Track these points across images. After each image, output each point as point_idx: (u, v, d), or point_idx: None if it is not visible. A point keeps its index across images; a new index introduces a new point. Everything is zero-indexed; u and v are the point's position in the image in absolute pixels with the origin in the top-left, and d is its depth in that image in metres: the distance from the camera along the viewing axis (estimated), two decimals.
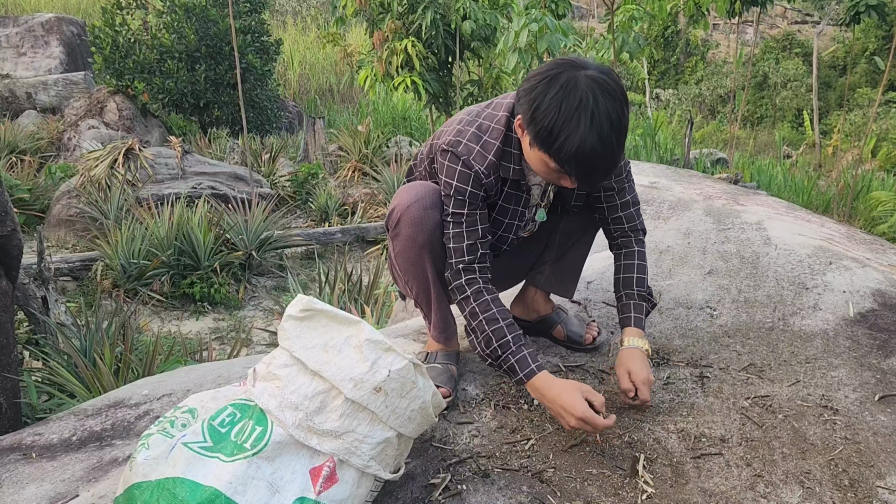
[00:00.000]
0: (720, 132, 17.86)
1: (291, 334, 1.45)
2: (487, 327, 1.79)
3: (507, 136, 1.82)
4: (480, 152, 1.79)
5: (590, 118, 1.52)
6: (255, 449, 1.31)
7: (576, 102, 1.52)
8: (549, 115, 1.55)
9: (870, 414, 1.93)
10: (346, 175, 9.80)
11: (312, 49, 17.81)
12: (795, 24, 28.62)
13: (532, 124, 1.60)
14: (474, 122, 1.83)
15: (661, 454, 1.75)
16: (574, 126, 1.53)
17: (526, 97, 1.63)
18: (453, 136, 1.81)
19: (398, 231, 1.84)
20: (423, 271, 1.88)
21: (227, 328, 5.37)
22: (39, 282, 3.79)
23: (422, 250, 1.84)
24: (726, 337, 2.30)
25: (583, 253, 2.19)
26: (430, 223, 1.82)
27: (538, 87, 1.59)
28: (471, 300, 1.82)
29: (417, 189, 1.85)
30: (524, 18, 6.70)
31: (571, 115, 1.53)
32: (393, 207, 1.85)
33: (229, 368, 2.27)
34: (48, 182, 7.89)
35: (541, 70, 1.64)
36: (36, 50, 12.32)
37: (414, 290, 1.94)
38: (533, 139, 1.62)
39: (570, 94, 1.53)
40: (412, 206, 1.81)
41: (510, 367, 1.79)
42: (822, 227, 3.13)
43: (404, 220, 1.82)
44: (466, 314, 1.84)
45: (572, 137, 1.53)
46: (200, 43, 10.52)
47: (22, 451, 1.89)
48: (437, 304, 1.94)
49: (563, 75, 1.57)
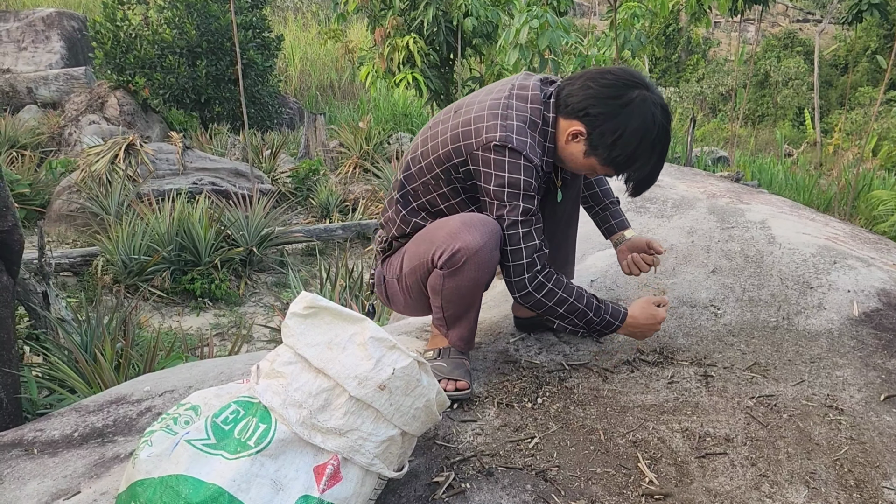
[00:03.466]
0: (721, 130, 17.84)
1: (295, 331, 1.44)
2: (580, 304, 1.91)
3: (542, 129, 1.82)
4: (532, 144, 1.78)
5: (661, 150, 1.78)
6: (258, 446, 1.31)
7: (653, 136, 1.75)
8: (631, 144, 1.74)
9: (875, 414, 1.92)
10: (347, 171, 9.79)
11: (313, 45, 17.78)
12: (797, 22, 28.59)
13: (612, 149, 1.76)
14: (509, 114, 1.79)
15: (665, 453, 1.74)
16: (648, 156, 1.78)
17: (598, 112, 1.74)
18: (502, 132, 1.76)
19: (461, 272, 1.78)
20: (473, 301, 1.89)
21: (227, 324, 5.36)
22: (40, 277, 3.78)
23: (481, 288, 1.85)
24: (730, 336, 2.29)
25: (574, 235, 2.23)
26: (495, 264, 1.83)
27: (615, 111, 1.73)
28: (555, 290, 1.88)
29: (480, 228, 1.77)
30: (525, 15, 6.69)
31: (650, 148, 1.76)
32: (457, 249, 1.74)
33: (231, 365, 2.26)
34: (49, 177, 7.88)
35: (613, 85, 1.74)
36: (36, 45, 12.29)
37: (448, 312, 1.90)
38: (606, 160, 1.79)
39: (649, 127, 1.73)
40: (481, 250, 1.75)
41: (606, 323, 1.98)
42: (826, 226, 3.12)
43: (471, 263, 1.76)
44: (552, 304, 1.89)
45: (646, 166, 1.80)
46: (201, 38, 10.50)
47: (23, 447, 1.88)
48: (470, 321, 1.95)
49: (639, 103, 1.73)
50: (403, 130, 12.28)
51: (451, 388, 1.86)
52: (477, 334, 2.27)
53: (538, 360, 2.14)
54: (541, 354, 2.17)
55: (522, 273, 1.84)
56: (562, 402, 1.93)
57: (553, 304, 1.89)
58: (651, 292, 2.51)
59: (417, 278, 1.92)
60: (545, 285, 1.86)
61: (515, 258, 1.83)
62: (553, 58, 7.42)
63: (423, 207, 1.97)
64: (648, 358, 2.17)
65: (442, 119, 1.91)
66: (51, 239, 6.62)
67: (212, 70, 10.63)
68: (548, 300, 1.88)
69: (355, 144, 10.33)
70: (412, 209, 1.98)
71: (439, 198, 1.93)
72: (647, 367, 2.12)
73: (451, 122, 1.87)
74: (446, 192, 1.92)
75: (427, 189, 1.93)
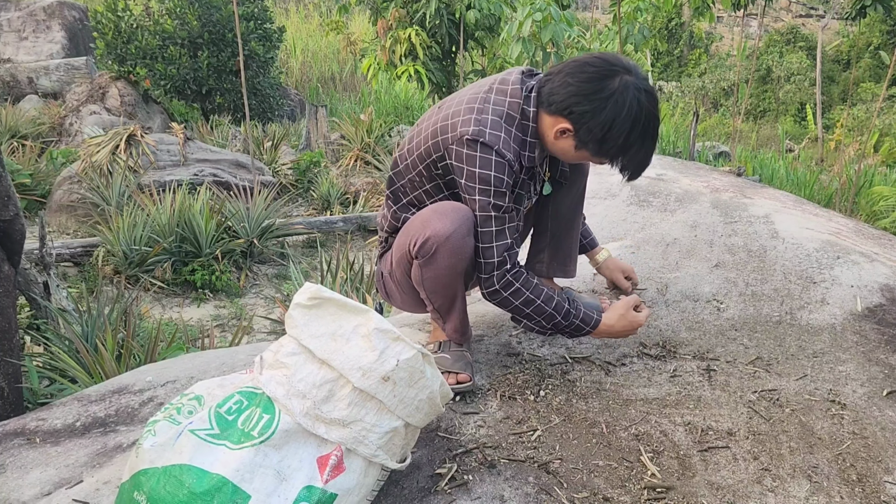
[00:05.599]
0: (723, 125, 17.81)
1: (299, 322, 1.43)
2: (548, 307, 1.88)
3: (521, 123, 1.80)
4: (506, 139, 1.76)
5: (652, 134, 1.76)
6: (262, 437, 1.30)
7: (642, 122, 1.71)
8: (621, 135, 1.71)
9: (877, 409, 1.92)
10: (348, 164, 9.76)
11: (315, 37, 17.73)
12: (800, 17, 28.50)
13: (602, 142, 1.73)
14: (485, 108, 1.77)
15: (667, 447, 1.74)
16: (641, 143, 1.75)
17: (582, 109, 1.71)
18: (474, 126, 1.73)
19: (434, 260, 1.77)
20: (455, 290, 1.87)
21: (228, 315, 5.36)
22: (41, 267, 3.78)
23: (459, 276, 1.82)
24: (733, 330, 2.29)
25: (577, 231, 2.21)
26: (469, 250, 1.79)
27: (599, 106, 1.69)
28: (522, 290, 1.85)
29: (450, 215, 1.76)
30: (528, 8, 6.67)
31: (641, 135, 1.73)
32: (427, 237, 1.75)
33: (233, 356, 2.26)
34: (49, 167, 7.86)
35: (593, 78, 1.70)
36: (38, 34, 12.26)
37: (437, 303, 1.90)
38: (597, 152, 1.77)
39: (636, 115, 1.70)
40: (451, 236, 1.73)
41: (576, 327, 1.94)
42: (829, 222, 3.11)
43: (443, 250, 1.74)
44: (519, 303, 1.86)
45: (639, 153, 1.77)
46: (203, 29, 10.46)
47: (26, 436, 1.88)
48: (459, 311, 1.94)
49: (622, 91, 1.69)
50: (405, 123, 12.25)
51: (453, 381, 1.86)
52: (479, 327, 2.28)
53: (541, 352, 2.14)
54: (543, 347, 2.17)
55: (492, 270, 1.81)
56: (564, 395, 1.93)
57: (519, 304, 1.86)
58: (654, 286, 2.51)
59: (403, 271, 1.93)
60: (513, 284, 1.83)
61: (486, 255, 1.80)
62: (556, 51, 7.40)
63: (412, 203, 1.97)
64: (651, 351, 2.16)
65: (427, 116, 1.91)
66: (52, 229, 6.61)
67: (213, 61, 10.59)
68: (514, 299, 1.86)
69: (356, 137, 10.30)
70: (402, 205, 1.99)
71: (425, 194, 1.93)
72: (649, 361, 2.12)
73: (433, 117, 1.86)
74: (429, 189, 1.92)
75: (413, 186, 1.93)
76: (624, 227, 3.01)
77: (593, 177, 2.18)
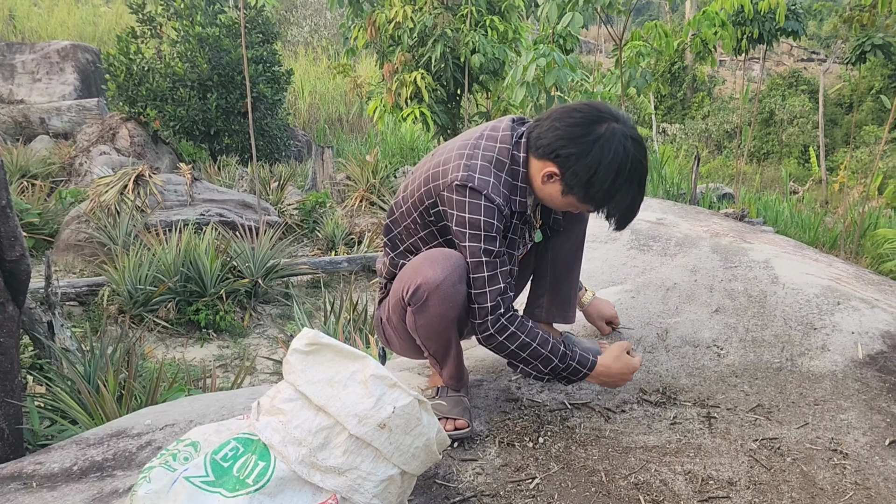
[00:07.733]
0: (726, 167, 17.92)
1: (297, 368, 1.44)
2: (544, 349, 1.88)
3: (511, 168, 1.82)
4: (495, 185, 1.78)
5: (638, 181, 1.77)
6: (257, 484, 1.30)
7: (628, 168, 1.72)
8: (606, 180, 1.72)
9: (880, 459, 1.90)
10: (354, 204, 9.84)
11: (323, 79, 18.02)
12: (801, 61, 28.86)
13: (588, 187, 1.74)
14: (475, 154, 1.80)
15: (667, 496, 1.72)
16: (626, 189, 1.76)
17: (568, 153, 1.72)
18: (464, 172, 1.76)
19: (425, 308, 1.77)
20: (448, 337, 1.86)
21: (231, 356, 5.35)
22: (46, 306, 3.80)
23: (451, 323, 1.81)
24: (734, 377, 2.28)
25: (576, 276, 2.21)
26: (461, 297, 1.78)
27: (585, 150, 1.71)
28: (518, 334, 1.85)
29: (441, 262, 1.77)
30: (532, 53, 6.78)
31: (627, 181, 1.74)
32: (418, 285, 1.75)
33: (233, 399, 2.26)
34: (58, 206, 7.94)
35: (580, 123, 1.73)
36: (51, 76, 12.51)
37: (432, 350, 1.90)
38: (583, 198, 1.78)
39: (621, 160, 1.71)
40: (442, 284, 1.74)
41: (573, 370, 1.93)
42: (829, 267, 3.11)
43: (434, 298, 1.75)
44: (514, 348, 1.86)
45: (625, 199, 1.78)
46: (213, 72, 10.66)
47: (22, 480, 1.87)
48: (454, 357, 1.93)
49: (608, 137, 1.71)
50: (410, 164, 12.36)
51: (451, 427, 1.86)
52: (479, 371, 2.28)
53: (540, 398, 2.13)
54: (542, 393, 2.16)
55: (486, 315, 1.81)
56: (563, 442, 1.92)
57: (515, 348, 1.86)
58: (654, 332, 2.51)
59: (399, 317, 1.93)
60: (507, 328, 1.83)
61: (480, 301, 1.80)
62: (560, 94, 7.51)
63: (409, 250, 1.99)
64: (651, 398, 2.16)
65: (421, 163, 1.94)
66: (58, 268, 6.65)
67: (222, 103, 10.78)
68: (510, 343, 1.85)
69: (362, 177, 10.40)
70: (399, 252, 2.01)
71: (420, 241, 1.95)
72: (649, 407, 2.11)
73: (426, 164, 1.89)
74: (424, 236, 1.93)
75: (409, 232, 1.95)
76: (624, 271, 3.02)
77: (594, 220, 2.19)
